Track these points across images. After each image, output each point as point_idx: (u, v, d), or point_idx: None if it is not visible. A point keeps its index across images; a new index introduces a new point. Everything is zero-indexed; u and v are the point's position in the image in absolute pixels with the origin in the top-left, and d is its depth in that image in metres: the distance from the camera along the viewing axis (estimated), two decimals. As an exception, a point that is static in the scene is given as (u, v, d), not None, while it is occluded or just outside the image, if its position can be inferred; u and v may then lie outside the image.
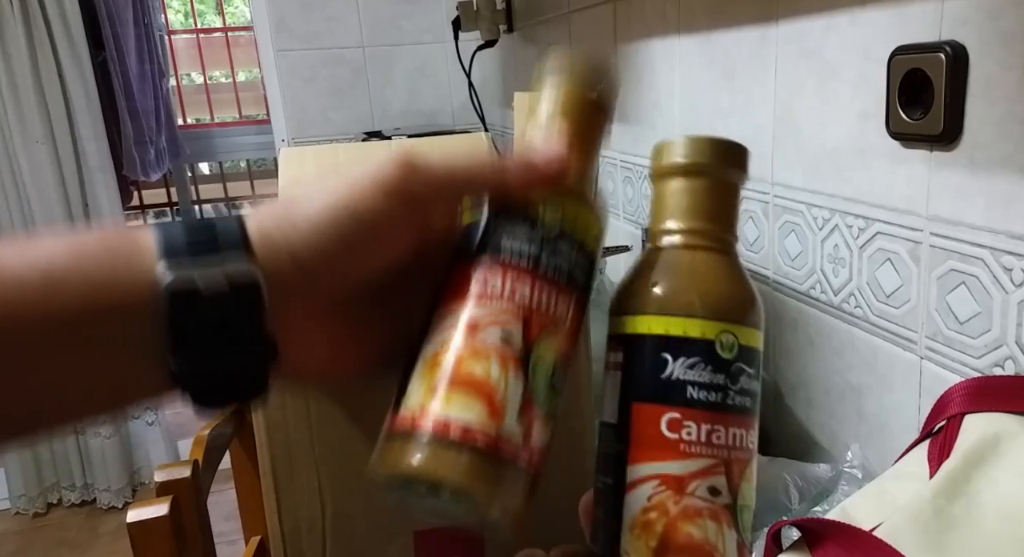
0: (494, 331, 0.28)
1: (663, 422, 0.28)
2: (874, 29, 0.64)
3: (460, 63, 1.95)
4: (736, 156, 0.30)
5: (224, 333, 0.26)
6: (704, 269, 0.29)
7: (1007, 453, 0.41)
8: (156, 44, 2.52)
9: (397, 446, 0.27)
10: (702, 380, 0.28)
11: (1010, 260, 0.53)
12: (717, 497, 0.27)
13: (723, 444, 0.28)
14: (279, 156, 1.09)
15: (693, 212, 0.30)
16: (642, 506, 0.28)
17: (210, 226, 0.27)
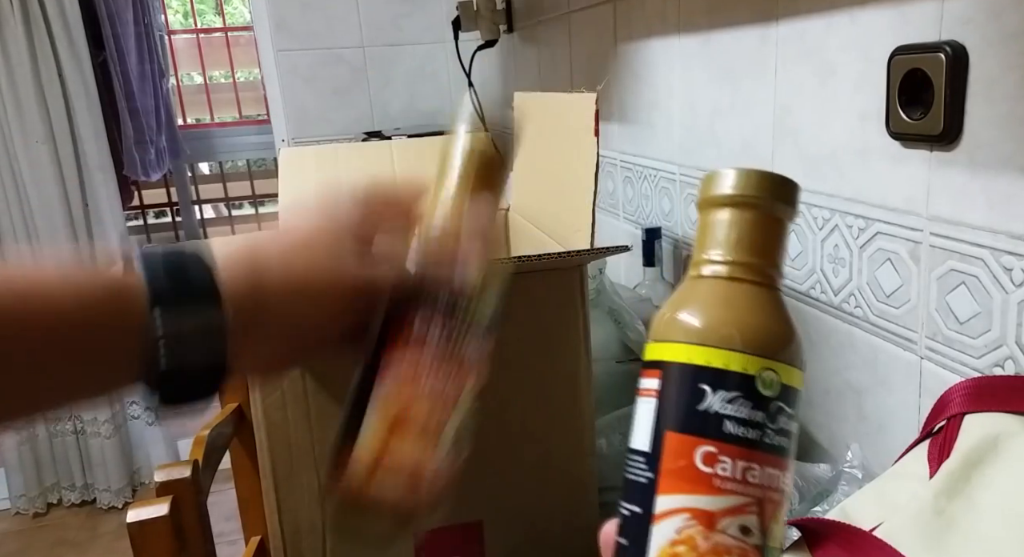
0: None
1: (698, 455, 0.27)
2: (874, 29, 0.64)
3: (460, 63, 1.95)
4: (787, 192, 0.30)
5: (196, 366, 0.33)
6: (749, 302, 0.29)
7: (1007, 453, 0.41)
8: (156, 44, 2.52)
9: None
10: (741, 416, 0.27)
11: (1010, 260, 0.53)
12: (748, 537, 0.27)
13: (757, 483, 0.27)
14: (279, 156, 1.09)
15: (741, 245, 0.29)
16: (670, 539, 0.27)
17: (184, 273, 0.33)
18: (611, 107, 1.24)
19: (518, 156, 0.43)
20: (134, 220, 3.06)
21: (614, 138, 1.25)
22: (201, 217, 3.14)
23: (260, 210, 3.36)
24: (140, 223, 3.11)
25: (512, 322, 0.69)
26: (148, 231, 3.14)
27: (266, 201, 3.34)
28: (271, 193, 3.24)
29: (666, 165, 1.07)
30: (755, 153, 0.84)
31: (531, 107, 0.91)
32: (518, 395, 0.68)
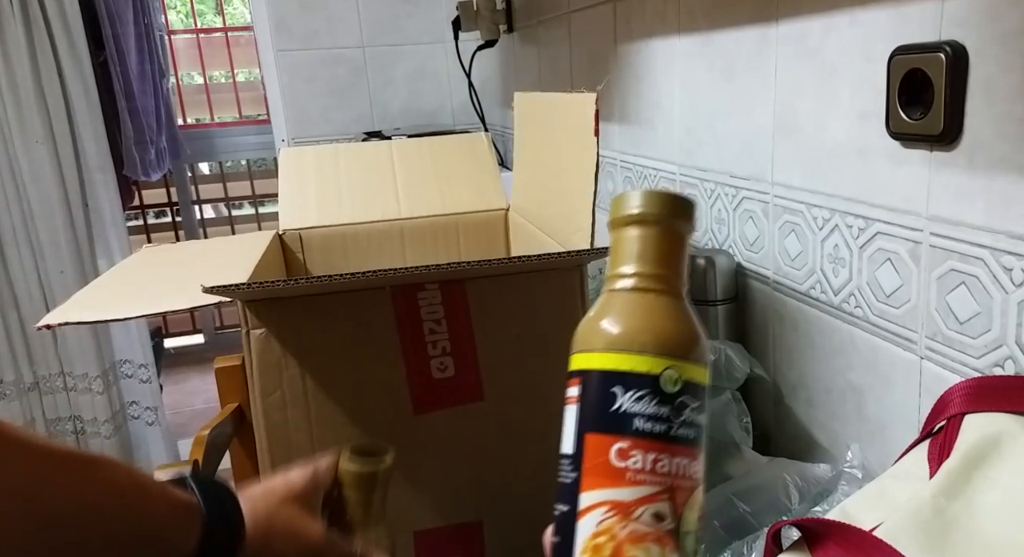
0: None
1: (612, 451, 0.30)
2: (874, 29, 0.64)
3: (460, 63, 1.95)
4: (684, 209, 0.33)
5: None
6: (652, 310, 0.32)
7: (1007, 453, 0.41)
8: (156, 44, 2.52)
9: None
10: (648, 412, 0.30)
11: (1010, 260, 0.53)
12: (661, 522, 0.29)
13: (667, 472, 0.30)
14: (279, 156, 1.09)
15: (644, 258, 0.33)
16: (592, 531, 0.30)
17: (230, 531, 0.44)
18: (611, 107, 1.24)
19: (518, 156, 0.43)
20: (134, 220, 3.06)
21: (614, 138, 1.25)
22: (201, 217, 3.14)
23: (260, 210, 3.36)
24: (140, 223, 3.11)
25: (512, 322, 0.69)
26: (148, 231, 3.14)
27: (266, 201, 3.34)
28: (271, 193, 3.24)
29: (666, 165, 1.07)
30: (755, 153, 0.85)
31: (531, 107, 0.91)
32: (518, 395, 0.68)
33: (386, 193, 1.05)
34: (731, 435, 0.76)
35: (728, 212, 0.92)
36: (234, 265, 0.80)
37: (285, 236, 1.00)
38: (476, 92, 1.95)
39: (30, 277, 2.25)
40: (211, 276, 0.66)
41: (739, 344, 0.82)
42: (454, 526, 0.67)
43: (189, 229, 2.98)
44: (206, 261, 0.93)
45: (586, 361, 0.32)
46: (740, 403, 0.78)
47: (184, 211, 2.93)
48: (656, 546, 0.29)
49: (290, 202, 1.03)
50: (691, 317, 0.32)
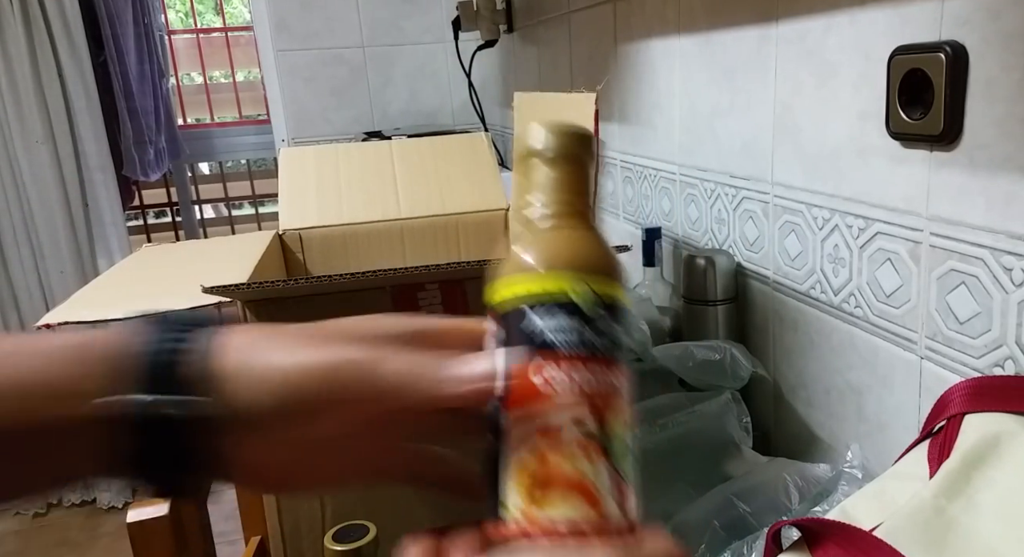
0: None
1: (530, 370, 0.30)
2: (874, 29, 0.64)
3: (460, 63, 1.95)
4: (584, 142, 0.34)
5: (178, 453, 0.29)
6: (559, 233, 0.33)
7: (1007, 453, 0.41)
8: (156, 44, 2.52)
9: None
10: (558, 326, 0.30)
11: (1010, 260, 0.53)
12: (582, 428, 0.29)
13: (584, 382, 0.30)
14: (279, 156, 1.09)
15: (546, 187, 0.34)
16: (515, 449, 0.30)
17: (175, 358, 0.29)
18: (611, 107, 1.24)
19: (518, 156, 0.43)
20: (134, 220, 3.06)
21: (614, 138, 1.25)
22: (201, 217, 3.14)
23: (260, 210, 3.36)
24: (140, 223, 3.11)
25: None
26: (148, 231, 3.14)
27: (266, 201, 3.34)
28: (271, 193, 3.24)
29: (666, 165, 1.07)
30: (755, 153, 0.85)
31: (531, 107, 0.91)
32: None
33: (386, 193, 1.05)
34: (731, 435, 0.76)
35: (728, 212, 0.92)
36: (234, 265, 0.80)
37: (285, 236, 1.00)
38: (476, 92, 1.95)
39: (30, 277, 2.25)
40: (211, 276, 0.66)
41: (740, 344, 0.82)
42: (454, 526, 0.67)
43: (189, 229, 2.98)
44: (206, 261, 0.93)
45: (499, 292, 0.32)
46: (740, 403, 0.78)
47: (184, 211, 2.93)
48: (580, 451, 0.29)
49: (290, 202, 1.03)
50: (599, 237, 0.33)
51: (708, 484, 0.68)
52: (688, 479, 0.72)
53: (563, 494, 0.29)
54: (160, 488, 0.30)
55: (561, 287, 0.31)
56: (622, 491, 0.30)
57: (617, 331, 0.32)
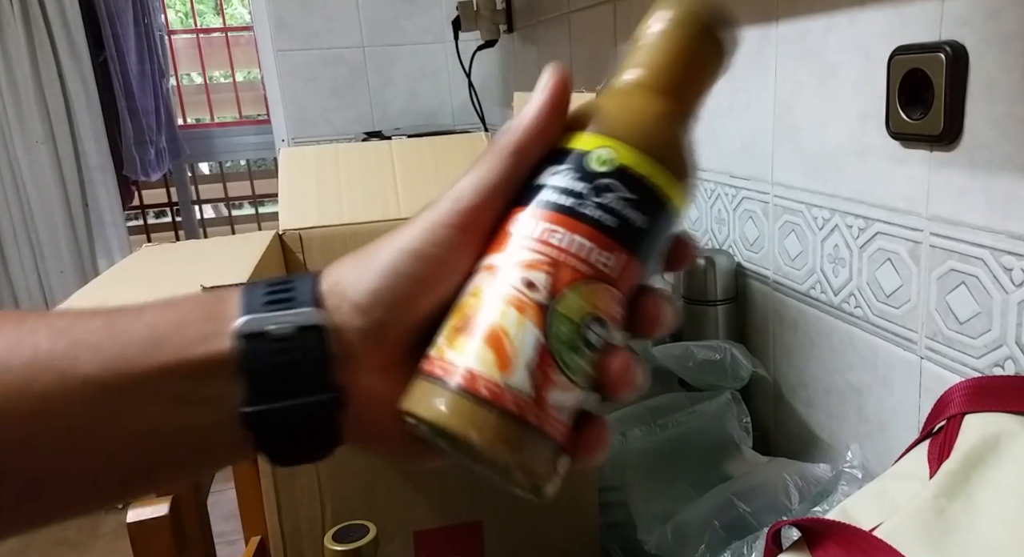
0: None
1: (511, 220, 0.28)
2: (874, 29, 0.64)
3: (460, 63, 1.95)
4: (716, 19, 0.30)
5: (290, 372, 0.27)
6: (626, 97, 0.29)
7: (1007, 453, 0.41)
8: (156, 44, 2.52)
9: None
10: (560, 185, 0.28)
11: (1010, 260, 0.53)
12: (531, 291, 0.26)
13: (557, 245, 0.27)
14: (279, 156, 1.09)
15: (647, 57, 0.30)
16: (464, 292, 0.28)
17: (288, 285, 0.29)
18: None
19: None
20: (134, 220, 3.06)
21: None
22: (201, 217, 3.14)
23: (260, 210, 3.36)
24: (140, 223, 3.11)
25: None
26: (148, 231, 3.14)
27: (266, 201, 3.34)
28: (271, 193, 3.24)
29: (666, 165, 1.07)
30: (755, 153, 0.84)
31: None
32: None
33: (386, 193, 1.05)
34: (731, 435, 0.76)
35: (728, 212, 0.92)
36: (234, 265, 0.80)
37: (285, 236, 1.00)
38: (476, 92, 1.95)
39: (30, 277, 2.25)
40: (211, 276, 0.66)
41: (740, 344, 0.82)
42: (454, 526, 0.67)
43: (189, 229, 2.98)
44: (206, 261, 0.93)
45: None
46: (740, 403, 0.78)
47: (184, 211, 2.93)
48: (514, 311, 0.26)
49: (290, 202, 1.03)
50: (673, 119, 0.29)
51: (708, 484, 0.68)
52: (688, 479, 0.72)
53: (475, 342, 0.26)
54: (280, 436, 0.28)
55: (585, 147, 0.28)
56: (545, 372, 0.26)
57: (634, 214, 0.27)
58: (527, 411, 0.26)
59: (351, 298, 0.28)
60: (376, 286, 0.28)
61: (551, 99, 0.30)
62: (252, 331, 0.27)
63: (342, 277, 0.29)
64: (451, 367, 0.26)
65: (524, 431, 0.26)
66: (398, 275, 0.28)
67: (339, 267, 0.30)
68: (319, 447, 0.29)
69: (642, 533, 0.65)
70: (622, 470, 0.72)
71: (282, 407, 0.27)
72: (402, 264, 0.28)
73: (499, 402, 0.25)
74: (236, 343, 0.27)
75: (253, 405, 0.27)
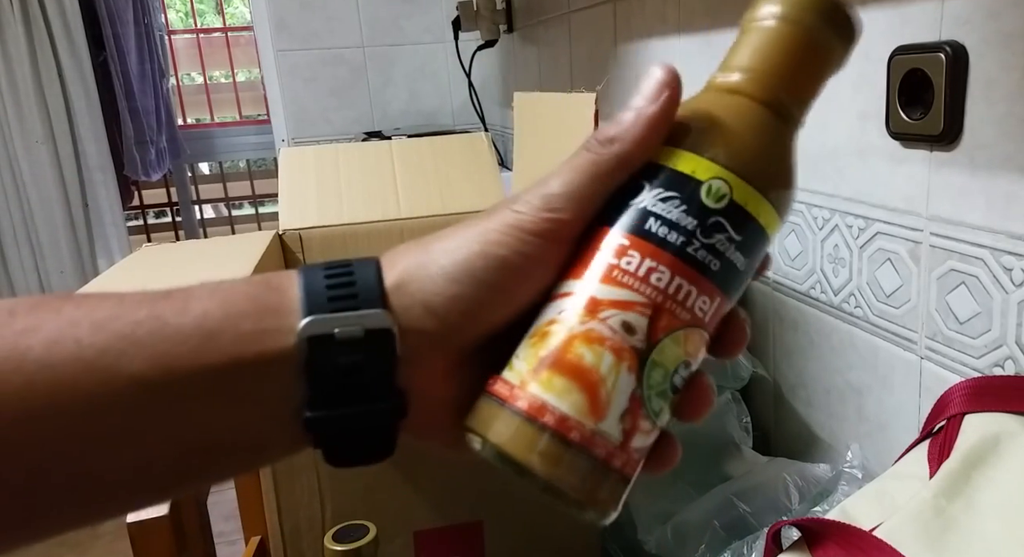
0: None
1: (609, 245, 0.26)
2: (874, 29, 0.64)
3: (460, 63, 1.95)
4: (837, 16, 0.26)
5: (356, 378, 0.26)
6: (738, 114, 0.27)
7: (1007, 453, 0.41)
8: (156, 44, 2.52)
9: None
10: (669, 217, 0.25)
11: (1010, 260, 0.53)
12: (629, 335, 0.25)
13: (660, 288, 0.25)
14: (279, 156, 1.09)
15: (757, 57, 0.27)
16: (550, 317, 0.26)
17: (350, 277, 0.27)
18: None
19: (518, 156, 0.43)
20: (134, 220, 3.06)
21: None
22: (201, 217, 3.14)
23: (260, 210, 3.36)
24: (140, 223, 3.11)
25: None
26: (148, 231, 3.14)
27: (266, 201, 3.34)
28: (271, 193, 3.24)
29: (666, 165, 1.07)
30: (755, 153, 0.84)
31: (531, 107, 0.91)
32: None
33: (386, 193, 1.05)
34: (731, 435, 0.76)
35: (728, 212, 0.92)
36: (234, 265, 0.80)
37: (285, 236, 1.00)
38: (476, 92, 1.95)
39: (30, 277, 2.25)
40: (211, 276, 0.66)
41: (739, 344, 0.82)
42: (454, 526, 0.67)
43: (189, 229, 2.98)
44: (206, 261, 0.92)
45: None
46: (740, 403, 0.78)
47: (184, 211, 2.93)
48: (611, 354, 0.25)
49: (290, 202, 1.03)
50: (787, 147, 0.27)
51: (708, 484, 0.68)
52: (688, 479, 0.72)
53: (568, 383, 0.25)
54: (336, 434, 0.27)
55: (697, 175, 0.26)
56: (634, 420, 0.25)
57: (738, 260, 0.26)
58: (614, 457, 0.25)
59: (423, 301, 0.27)
60: (454, 292, 0.27)
61: (666, 107, 0.27)
62: (317, 333, 0.26)
63: (412, 275, 0.27)
64: (540, 405, 0.25)
65: (608, 474, 0.26)
66: (477, 283, 0.27)
67: (405, 260, 0.28)
68: (377, 450, 0.28)
69: (642, 533, 0.65)
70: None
71: (346, 413, 0.26)
72: (483, 271, 0.27)
73: (589, 448, 0.25)
74: (299, 343, 0.26)
75: (315, 409, 0.26)
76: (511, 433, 0.26)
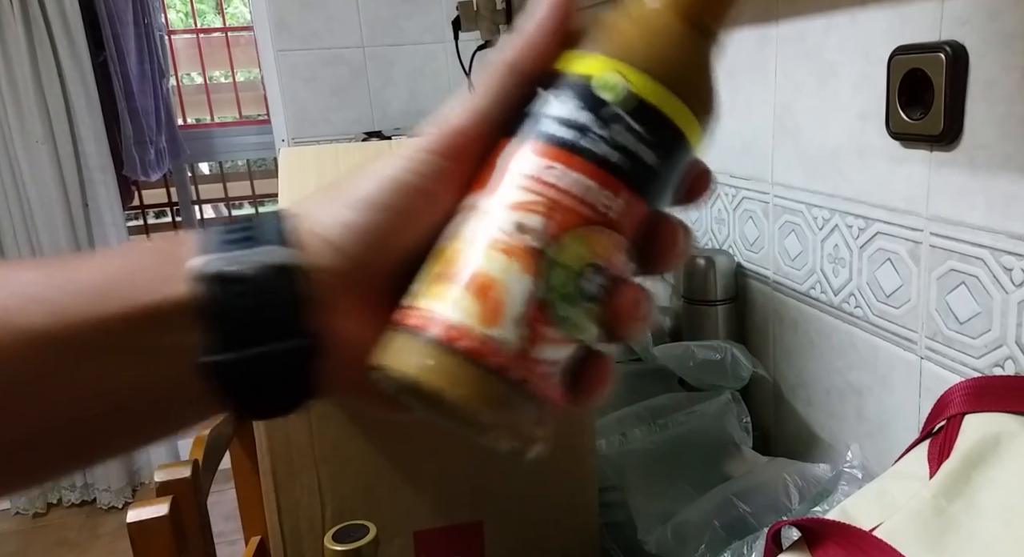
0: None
1: (506, 153, 0.25)
2: (874, 29, 0.64)
3: (460, 63, 1.95)
4: None
5: (257, 316, 0.24)
6: (639, 16, 0.25)
7: (1007, 453, 0.41)
8: (156, 44, 2.52)
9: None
10: (560, 115, 0.24)
11: (1010, 260, 0.53)
12: (523, 234, 0.23)
13: (553, 184, 0.23)
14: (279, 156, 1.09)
15: None
16: (446, 234, 0.25)
17: (249, 222, 0.26)
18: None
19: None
20: (134, 220, 3.06)
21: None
22: (201, 217, 3.14)
23: (260, 210, 3.36)
24: (140, 223, 3.11)
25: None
26: (148, 231, 3.14)
27: (266, 201, 3.34)
28: (271, 193, 3.24)
29: (666, 165, 1.07)
30: (755, 153, 0.84)
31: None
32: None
33: (386, 193, 1.05)
34: (731, 435, 0.76)
35: (728, 212, 0.92)
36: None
37: (285, 236, 1.00)
38: (476, 92, 1.95)
39: (30, 277, 2.25)
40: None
41: (740, 344, 0.82)
42: (454, 526, 0.67)
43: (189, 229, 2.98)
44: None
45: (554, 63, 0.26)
46: (740, 403, 0.78)
47: (184, 211, 2.93)
48: (502, 255, 0.23)
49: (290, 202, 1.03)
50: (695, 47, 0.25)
51: (708, 484, 0.68)
52: (688, 479, 0.72)
53: (457, 290, 0.23)
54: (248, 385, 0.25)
55: (589, 71, 0.24)
56: (536, 327, 0.23)
57: (643, 150, 0.24)
58: (513, 367, 0.23)
59: (322, 234, 0.25)
60: (352, 220, 0.25)
61: (555, 11, 0.26)
62: (211, 272, 0.24)
63: (312, 212, 0.26)
64: (428, 317, 0.23)
65: (509, 389, 0.23)
66: (376, 207, 0.25)
67: (309, 202, 0.27)
68: (292, 399, 0.26)
69: (642, 533, 0.65)
70: (622, 470, 0.72)
71: (249, 356, 0.24)
72: (380, 195, 0.25)
73: (482, 357, 0.23)
74: (194, 286, 0.24)
75: (216, 354, 0.24)
76: (398, 352, 0.24)
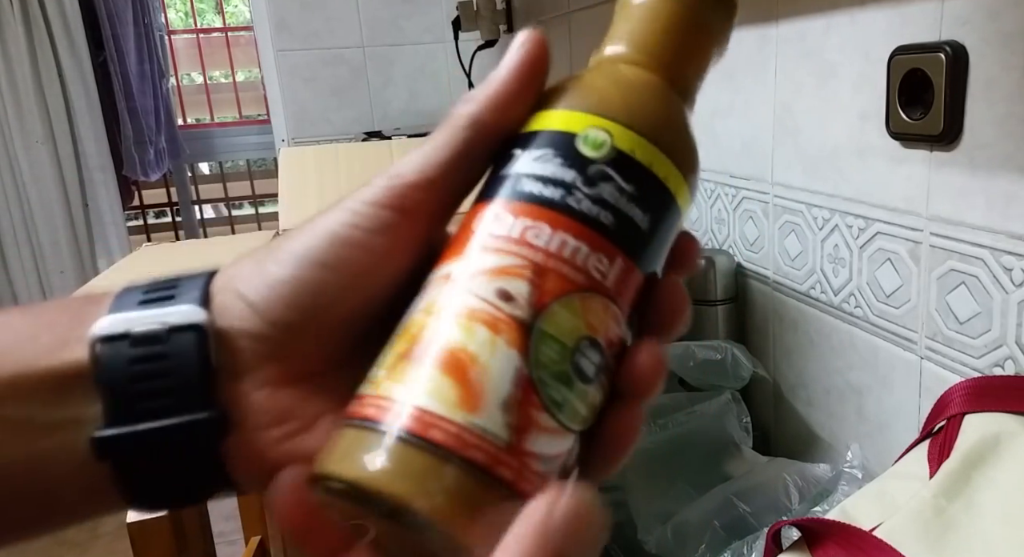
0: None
1: (482, 218, 0.22)
2: (874, 29, 0.64)
3: (460, 63, 1.95)
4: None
5: (160, 386, 0.21)
6: (617, 74, 0.25)
7: (1007, 453, 0.41)
8: (156, 44, 2.52)
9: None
10: (543, 173, 0.22)
11: (1010, 260, 0.53)
12: (507, 303, 0.20)
13: (539, 246, 0.21)
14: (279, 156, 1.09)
15: (639, 25, 0.26)
16: (412, 309, 0.21)
17: (174, 280, 0.23)
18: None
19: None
20: (134, 220, 3.06)
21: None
22: (201, 217, 3.14)
23: (260, 210, 3.36)
24: (140, 223, 3.11)
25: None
26: (148, 231, 3.14)
27: (266, 201, 3.34)
28: (271, 193, 3.24)
29: (666, 165, 1.07)
30: (755, 153, 0.85)
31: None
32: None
33: (386, 193, 1.05)
34: (731, 435, 0.76)
35: (728, 212, 0.92)
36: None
37: (285, 236, 1.00)
38: (476, 92, 1.95)
39: (30, 277, 2.25)
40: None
41: (740, 344, 0.82)
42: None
43: (189, 229, 2.98)
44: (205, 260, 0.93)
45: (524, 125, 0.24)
46: (740, 403, 0.78)
47: (184, 211, 2.93)
48: (485, 328, 0.19)
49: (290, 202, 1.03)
50: (673, 104, 0.24)
51: (708, 484, 0.68)
52: (688, 479, 0.72)
53: (428, 370, 0.19)
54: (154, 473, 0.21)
55: (570, 128, 0.23)
56: (526, 412, 0.19)
57: (634, 210, 0.22)
58: (501, 464, 0.19)
59: (245, 295, 0.22)
60: (279, 277, 0.22)
61: (523, 64, 0.24)
62: (111, 333, 0.21)
63: (239, 271, 0.23)
64: (388, 405, 0.19)
65: (493, 490, 0.19)
66: (309, 264, 0.22)
67: (240, 261, 0.24)
68: (196, 485, 0.22)
69: (642, 533, 0.65)
70: (622, 470, 0.71)
71: (144, 431, 0.20)
72: (315, 250, 0.22)
73: (460, 451, 0.18)
74: (92, 349, 0.21)
75: (109, 428, 0.21)
76: (346, 453, 0.19)
